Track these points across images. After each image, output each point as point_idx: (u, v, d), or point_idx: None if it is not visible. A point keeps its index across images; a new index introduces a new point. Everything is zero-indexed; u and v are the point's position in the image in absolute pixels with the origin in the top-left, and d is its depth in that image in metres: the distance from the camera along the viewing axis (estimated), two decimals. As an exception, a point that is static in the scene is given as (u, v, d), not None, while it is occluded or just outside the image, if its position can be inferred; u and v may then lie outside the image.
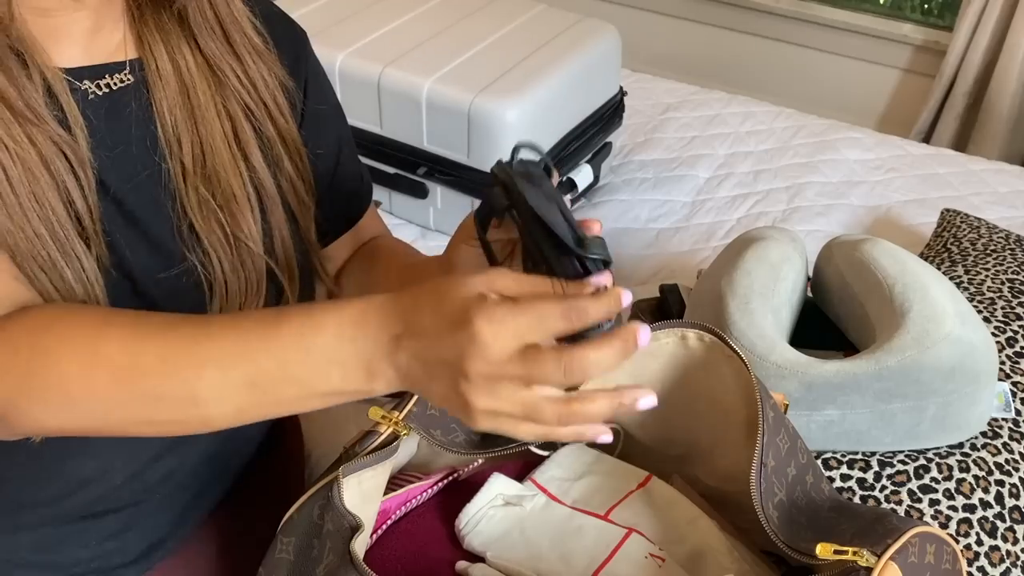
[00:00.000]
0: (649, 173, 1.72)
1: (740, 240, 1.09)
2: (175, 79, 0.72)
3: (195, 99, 0.73)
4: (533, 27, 1.60)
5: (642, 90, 1.98)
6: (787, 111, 1.93)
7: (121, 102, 0.71)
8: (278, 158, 0.78)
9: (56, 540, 0.77)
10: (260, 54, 0.76)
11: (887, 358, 0.91)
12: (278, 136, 0.78)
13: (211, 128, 0.73)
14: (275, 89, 0.77)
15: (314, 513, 0.73)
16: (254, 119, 0.76)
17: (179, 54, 0.72)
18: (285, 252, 0.78)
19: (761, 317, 0.96)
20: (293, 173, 0.79)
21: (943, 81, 2.55)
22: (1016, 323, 1.11)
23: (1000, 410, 1.00)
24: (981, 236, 1.33)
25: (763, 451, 0.70)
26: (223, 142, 0.74)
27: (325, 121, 0.87)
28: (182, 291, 0.73)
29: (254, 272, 0.76)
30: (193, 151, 0.73)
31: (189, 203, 0.73)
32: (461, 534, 0.81)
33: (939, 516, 0.90)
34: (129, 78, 0.71)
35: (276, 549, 0.74)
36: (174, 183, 0.73)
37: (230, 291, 0.75)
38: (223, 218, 0.74)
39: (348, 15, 1.61)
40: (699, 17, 2.95)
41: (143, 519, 0.80)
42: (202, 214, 0.73)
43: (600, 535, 0.79)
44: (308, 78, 0.84)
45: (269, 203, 0.77)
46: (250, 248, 0.75)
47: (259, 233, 0.76)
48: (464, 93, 1.41)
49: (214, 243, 0.73)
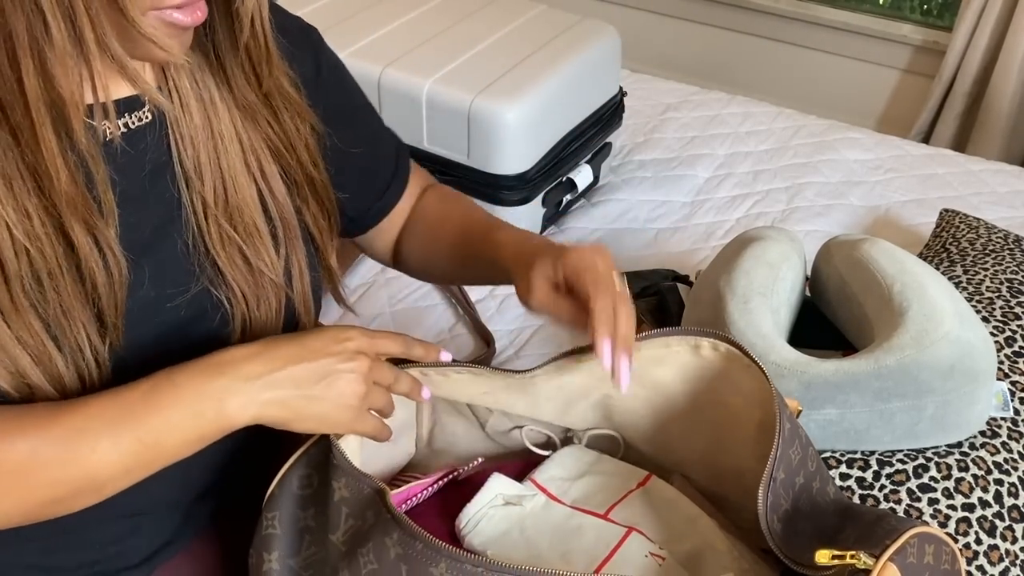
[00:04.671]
0: (649, 173, 1.72)
1: (739, 240, 1.09)
2: (199, 111, 0.72)
3: (218, 131, 0.72)
4: (533, 27, 1.60)
5: (642, 90, 1.98)
6: (787, 111, 1.93)
7: (138, 141, 0.70)
8: (304, 199, 0.79)
9: (60, 545, 0.77)
10: (294, 105, 0.76)
11: (886, 357, 0.91)
12: (306, 179, 0.78)
13: (234, 162, 0.73)
14: (307, 134, 0.78)
15: (294, 485, 0.75)
16: (282, 159, 0.76)
17: (203, 86, 0.72)
18: (302, 283, 0.79)
19: (760, 317, 0.96)
20: (319, 214, 0.80)
21: (943, 81, 2.56)
22: (1015, 322, 1.11)
23: (999, 409, 1.00)
24: (980, 236, 1.33)
25: (775, 465, 0.70)
26: (246, 177, 0.74)
27: (352, 114, 0.89)
28: (203, 327, 0.74)
29: (275, 303, 0.77)
30: (215, 185, 0.73)
31: (211, 239, 0.73)
32: (461, 534, 0.81)
33: (938, 515, 0.90)
34: (148, 116, 0.71)
35: (263, 527, 0.74)
36: (193, 219, 0.73)
37: (253, 324, 0.76)
38: (247, 252, 0.74)
39: (348, 15, 1.61)
40: (699, 17, 2.95)
41: (147, 524, 0.80)
42: (224, 249, 0.73)
43: (600, 534, 0.79)
44: (325, 75, 0.85)
45: (291, 240, 0.78)
46: (272, 280, 0.76)
47: (280, 268, 0.77)
48: (464, 93, 1.42)
49: (237, 278, 0.74)
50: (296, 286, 0.79)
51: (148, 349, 0.71)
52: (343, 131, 0.85)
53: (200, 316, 0.74)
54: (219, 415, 0.67)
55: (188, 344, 0.73)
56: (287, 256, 0.78)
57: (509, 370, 0.81)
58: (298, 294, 0.79)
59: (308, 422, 0.70)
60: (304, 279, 0.79)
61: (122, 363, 0.70)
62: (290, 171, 0.77)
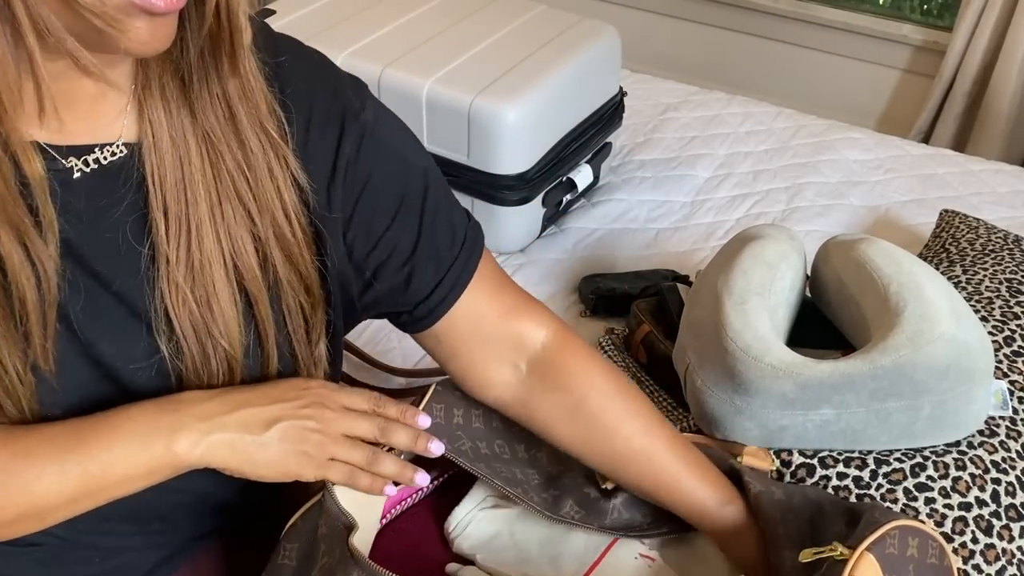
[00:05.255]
0: (649, 173, 1.72)
1: (737, 239, 1.09)
2: (172, 153, 0.66)
3: (188, 176, 0.66)
4: (533, 27, 1.61)
5: (642, 90, 1.98)
6: (787, 111, 1.93)
7: (109, 179, 0.65)
8: (273, 259, 0.70)
9: (61, 557, 0.76)
10: (271, 142, 0.68)
11: (881, 357, 0.91)
12: (277, 235, 0.69)
13: (202, 213, 0.66)
14: (283, 185, 0.69)
15: (318, 520, 0.73)
16: (246, 210, 0.68)
17: (178, 124, 0.65)
18: (265, 357, 0.73)
19: (757, 317, 0.96)
20: (291, 277, 0.71)
21: (942, 81, 2.56)
22: (1014, 322, 1.11)
23: (998, 408, 1.00)
24: (979, 236, 1.33)
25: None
26: (211, 228, 0.67)
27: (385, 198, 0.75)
28: (149, 378, 0.70)
29: (227, 370, 0.71)
30: (180, 234, 0.66)
31: (168, 292, 0.67)
32: (450, 537, 0.81)
33: (935, 514, 0.91)
34: (122, 150, 0.65)
35: (279, 555, 0.74)
36: (155, 271, 0.67)
37: (197, 383, 0.71)
38: (201, 312, 0.68)
39: (348, 16, 1.61)
40: (699, 17, 2.95)
41: (149, 538, 0.80)
42: (179, 306, 0.67)
43: (589, 537, 0.79)
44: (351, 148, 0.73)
45: (254, 304, 0.70)
46: (227, 350, 0.70)
47: (239, 331, 0.70)
48: (464, 93, 1.42)
49: (187, 334, 0.68)
50: (258, 357, 0.72)
51: (101, 386, 0.69)
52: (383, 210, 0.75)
53: (147, 372, 0.69)
54: (167, 451, 0.66)
55: (139, 393, 0.69)
56: (248, 322, 0.71)
57: None
58: (260, 367, 0.72)
59: (261, 468, 0.68)
60: (269, 351, 0.72)
61: (77, 398, 0.67)
62: (257, 222, 0.69)
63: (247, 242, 0.68)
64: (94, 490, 0.66)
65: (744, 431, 0.96)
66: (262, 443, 0.68)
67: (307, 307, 0.74)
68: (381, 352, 1.30)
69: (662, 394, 1.15)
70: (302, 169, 0.70)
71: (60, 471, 0.64)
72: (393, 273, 0.76)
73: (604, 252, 1.52)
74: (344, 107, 0.73)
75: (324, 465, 0.70)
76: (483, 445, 0.80)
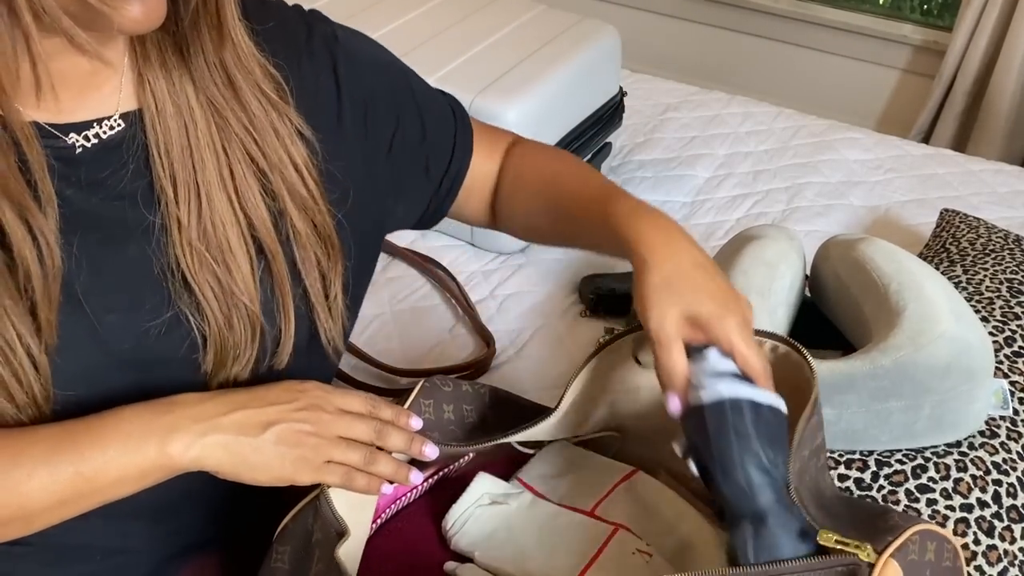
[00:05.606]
0: (648, 173, 1.72)
1: (737, 239, 1.09)
2: (176, 120, 0.68)
3: (194, 140, 0.68)
4: (533, 27, 1.61)
5: (642, 90, 1.98)
6: (787, 111, 1.93)
7: (111, 152, 0.67)
8: (287, 213, 0.73)
9: (61, 556, 0.76)
10: (271, 103, 0.71)
11: (882, 357, 0.91)
12: (289, 190, 0.72)
13: (210, 174, 0.69)
14: (288, 140, 0.72)
15: (308, 522, 0.73)
16: (258, 169, 0.71)
17: (181, 93, 0.68)
18: (283, 312, 0.74)
19: (756, 317, 0.96)
20: (306, 230, 0.74)
21: (942, 81, 2.56)
22: (1014, 322, 1.11)
23: (998, 408, 1.00)
24: (980, 236, 1.33)
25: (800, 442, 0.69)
26: (221, 189, 0.69)
27: (391, 98, 0.83)
28: (172, 350, 0.71)
29: (249, 327, 0.72)
30: (189, 199, 0.69)
31: (183, 256, 0.69)
32: (448, 535, 0.81)
33: (936, 516, 0.90)
34: (120, 123, 0.68)
35: (272, 558, 0.73)
36: (167, 236, 0.69)
37: (224, 345, 0.72)
38: (219, 273, 0.70)
39: (348, 16, 1.61)
40: (699, 17, 2.95)
41: (151, 539, 0.79)
42: (198, 268, 0.69)
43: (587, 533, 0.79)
44: (344, 71, 0.79)
45: (268, 259, 0.72)
46: (246, 305, 0.71)
47: (256, 288, 0.71)
48: (464, 93, 1.41)
49: (208, 297, 0.70)
50: (275, 312, 0.73)
51: (114, 373, 0.69)
52: (387, 117, 0.81)
53: (169, 341, 0.70)
54: (161, 453, 0.65)
55: (158, 372, 0.70)
56: (265, 278, 0.72)
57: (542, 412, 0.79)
58: (277, 321, 0.74)
59: (256, 472, 0.68)
60: (286, 305, 0.73)
61: (86, 386, 0.68)
62: (269, 179, 0.71)
63: (259, 200, 0.71)
64: (85, 492, 0.65)
65: (745, 431, 0.96)
66: (257, 445, 0.67)
67: (324, 260, 0.75)
68: (381, 352, 1.30)
69: (662, 394, 1.14)
70: (306, 124, 0.73)
71: (51, 472, 0.64)
72: (411, 165, 0.85)
73: (604, 252, 1.52)
74: (324, 38, 0.79)
75: (320, 469, 0.69)
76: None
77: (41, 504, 0.64)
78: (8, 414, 0.65)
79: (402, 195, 0.86)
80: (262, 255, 0.72)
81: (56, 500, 0.64)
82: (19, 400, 0.65)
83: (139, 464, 0.65)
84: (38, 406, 0.66)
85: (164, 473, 0.67)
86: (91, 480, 0.65)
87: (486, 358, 1.27)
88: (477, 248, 1.51)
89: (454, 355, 1.30)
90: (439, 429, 0.78)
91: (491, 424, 0.82)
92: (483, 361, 1.26)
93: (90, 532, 0.75)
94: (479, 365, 1.26)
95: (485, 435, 0.79)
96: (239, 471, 0.68)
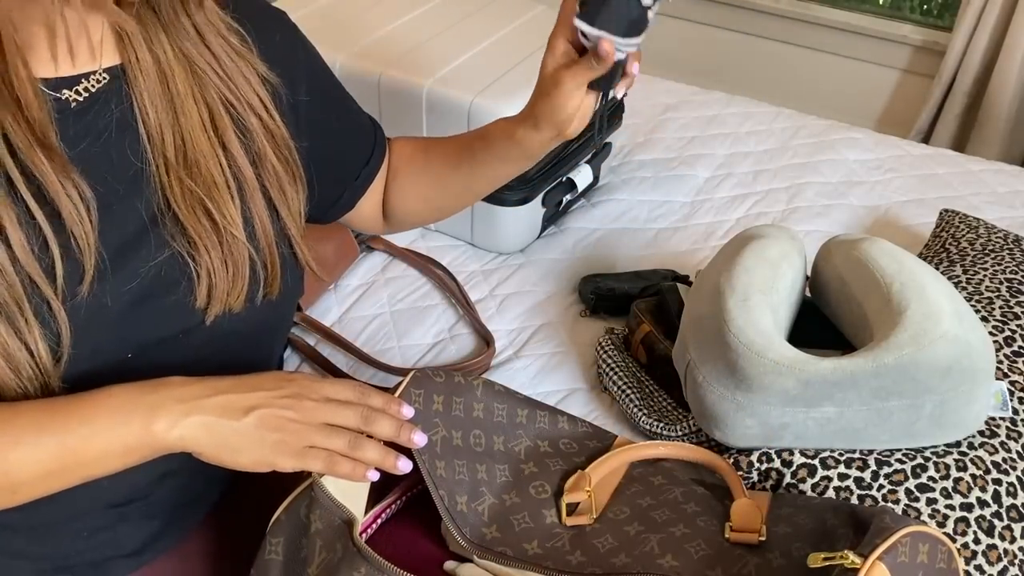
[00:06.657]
0: (648, 173, 1.72)
1: (739, 238, 1.09)
2: (155, 70, 0.74)
3: (174, 88, 0.74)
4: (533, 28, 1.60)
5: (642, 90, 1.98)
6: (787, 111, 1.93)
7: (100, 105, 0.72)
8: (260, 150, 0.79)
9: (49, 532, 0.77)
10: (238, 53, 0.78)
11: (884, 356, 0.91)
12: (261, 128, 0.79)
13: (190, 117, 0.75)
14: (256, 84, 0.79)
15: (301, 512, 0.73)
16: (233, 110, 0.77)
17: (158, 46, 0.74)
18: (266, 241, 0.79)
19: (759, 314, 0.97)
20: (277, 165, 0.80)
21: (942, 81, 2.56)
22: (1014, 322, 1.11)
23: (998, 409, 1.00)
24: (980, 236, 1.33)
25: None
26: (202, 131, 0.75)
27: (334, 101, 0.93)
28: (170, 288, 0.74)
29: (239, 260, 0.77)
30: (175, 141, 0.74)
31: (173, 195, 0.74)
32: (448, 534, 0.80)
33: (936, 515, 0.91)
34: (105, 77, 0.72)
35: (265, 550, 0.73)
36: (156, 179, 0.74)
37: (217, 280, 0.75)
38: (208, 206, 0.75)
39: (348, 16, 1.61)
40: (699, 17, 2.95)
41: (137, 514, 0.81)
42: (186, 203, 0.74)
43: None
44: (302, 56, 0.88)
45: (248, 191, 0.78)
46: (234, 235, 0.76)
47: (239, 218, 0.77)
48: (464, 93, 1.42)
49: (200, 232, 0.74)
50: (260, 244, 0.79)
51: (113, 315, 0.71)
52: (326, 104, 0.90)
53: (167, 279, 0.74)
54: (145, 430, 0.67)
55: (156, 313, 0.73)
56: (247, 209, 0.78)
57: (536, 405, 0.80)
58: (262, 250, 0.79)
59: (237, 455, 0.69)
60: (268, 236, 0.79)
61: (91, 327, 0.70)
62: (243, 119, 0.78)
63: (233, 138, 0.77)
64: (70, 465, 0.66)
65: (745, 428, 0.96)
66: (238, 428, 0.68)
67: (292, 190, 0.82)
68: (380, 352, 1.30)
69: (662, 394, 1.14)
70: (269, 70, 0.81)
71: (37, 442, 0.65)
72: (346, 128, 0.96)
73: (604, 252, 1.52)
74: (280, 13, 0.89)
75: (301, 453, 0.70)
76: (457, 435, 0.79)
77: (26, 474, 0.65)
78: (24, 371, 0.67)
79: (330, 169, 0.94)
80: (242, 188, 0.77)
81: (41, 471, 0.65)
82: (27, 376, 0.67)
83: (124, 439, 0.66)
84: (50, 371, 0.68)
85: (148, 451, 0.68)
86: (76, 452, 0.66)
87: (486, 358, 1.27)
88: (477, 248, 1.51)
89: (454, 355, 1.30)
90: (424, 422, 0.78)
91: (479, 419, 0.82)
92: (483, 361, 1.26)
93: (73, 520, 0.76)
94: (479, 365, 1.26)
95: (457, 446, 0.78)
96: (220, 453, 0.69)
